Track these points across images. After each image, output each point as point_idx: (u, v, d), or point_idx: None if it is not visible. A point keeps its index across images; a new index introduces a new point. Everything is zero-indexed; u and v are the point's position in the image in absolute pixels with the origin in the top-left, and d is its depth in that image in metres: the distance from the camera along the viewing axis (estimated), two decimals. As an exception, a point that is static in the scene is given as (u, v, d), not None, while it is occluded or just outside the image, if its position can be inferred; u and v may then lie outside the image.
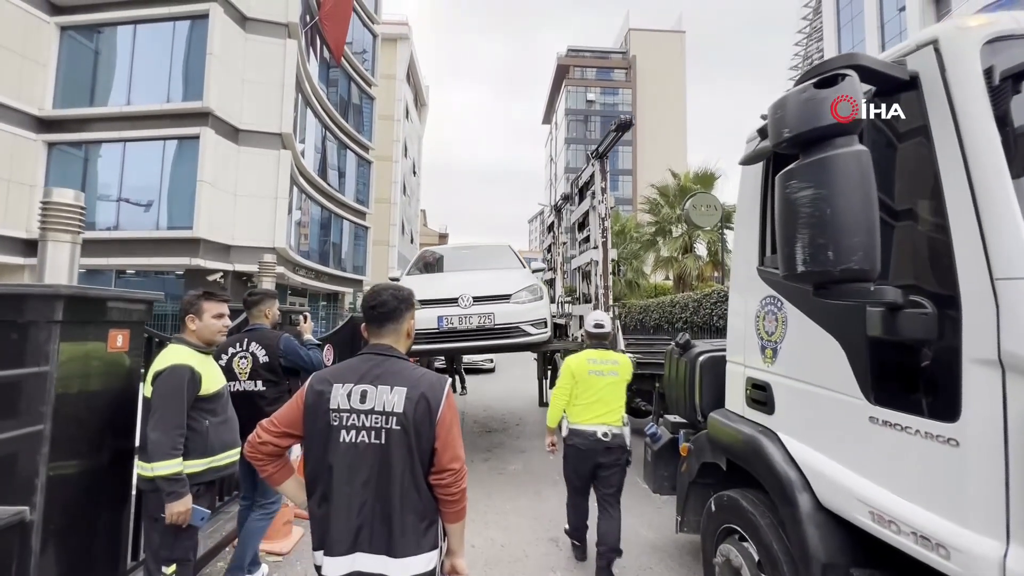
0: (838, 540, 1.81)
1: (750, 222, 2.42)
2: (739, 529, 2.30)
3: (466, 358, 13.89)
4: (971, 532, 1.32)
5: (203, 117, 14.40)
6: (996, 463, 1.28)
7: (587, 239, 5.45)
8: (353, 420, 1.58)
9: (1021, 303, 1.25)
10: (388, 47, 30.35)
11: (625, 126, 4.89)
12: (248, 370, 3.09)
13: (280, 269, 9.86)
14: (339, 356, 5.95)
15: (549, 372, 8.66)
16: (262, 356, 3.11)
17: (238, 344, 3.13)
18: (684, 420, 3.25)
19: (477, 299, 5.25)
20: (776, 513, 2.08)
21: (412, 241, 40.45)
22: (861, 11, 23.38)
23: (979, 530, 1.31)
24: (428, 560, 1.58)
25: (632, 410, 7.08)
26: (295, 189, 17.44)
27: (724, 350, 2.70)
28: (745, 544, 2.24)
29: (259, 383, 3.10)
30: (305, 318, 3.69)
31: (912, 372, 1.54)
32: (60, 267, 2.24)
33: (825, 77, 1.38)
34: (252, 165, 15.53)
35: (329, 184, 20.90)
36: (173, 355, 2.31)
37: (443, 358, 10.82)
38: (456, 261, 6.88)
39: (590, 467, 3.30)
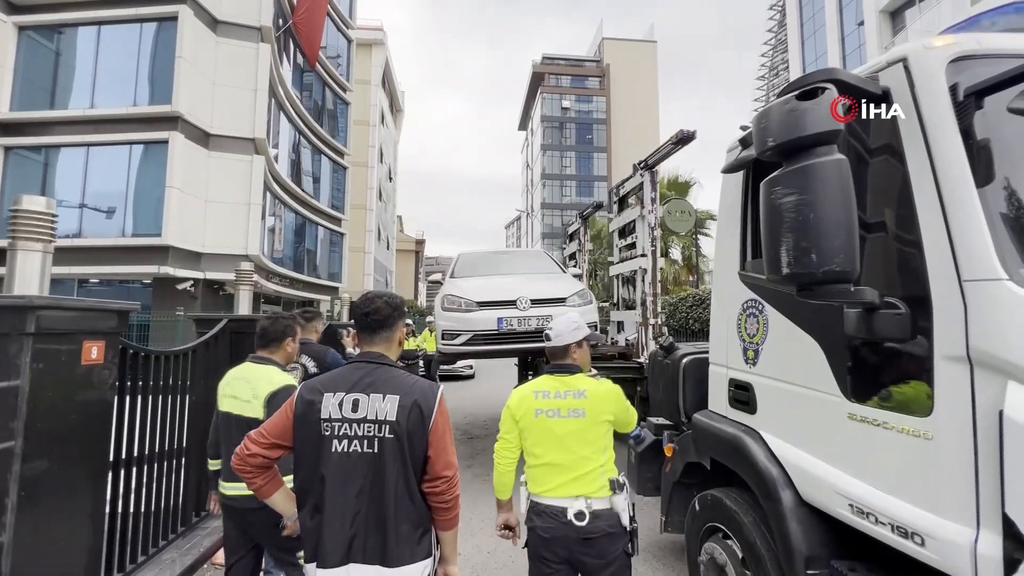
0: (819, 534, 1.88)
1: (731, 228, 2.50)
2: (723, 527, 2.35)
3: (445, 365, 13.84)
4: (944, 520, 1.39)
5: (172, 121, 14.01)
6: (966, 454, 1.36)
7: (630, 246, 5.51)
8: (345, 429, 1.56)
9: (987, 303, 1.33)
10: (363, 52, 30.14)
11: (686, 139, 4.89)
12: (298, 381, 3.17)
13: (256, 277, 9.59)
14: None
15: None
16: (311, 367, 3.33)
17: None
18: (668, 422, 3.30)
19: (535, 302, 5.33)
20: (759, 511, 2.14)
21: (388, 247, 40.04)
22: (823, 25, 24.41)
23: (952, 518, 1.38)
24: (422, 569, 1.57)
25: None
26: (268, 195, 17.09)
27: (707, 352, 2.77)
28: (729, 542, 2.30)
29: None
30: (348, 332, 3.86)
31: (888, 370, 1.62)
32: (31, 277, 2.16)
33: (806, 90, 1.45)
34: (224, 170, 15.17)
35: (304, 190, 20.55)
36: (279, 376, 2.39)
37: (422, 365, 10.75)
38: (498, 265, 6.95)
39: (564, 566, 2.04)
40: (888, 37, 19.75)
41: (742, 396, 2.34)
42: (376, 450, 1.55)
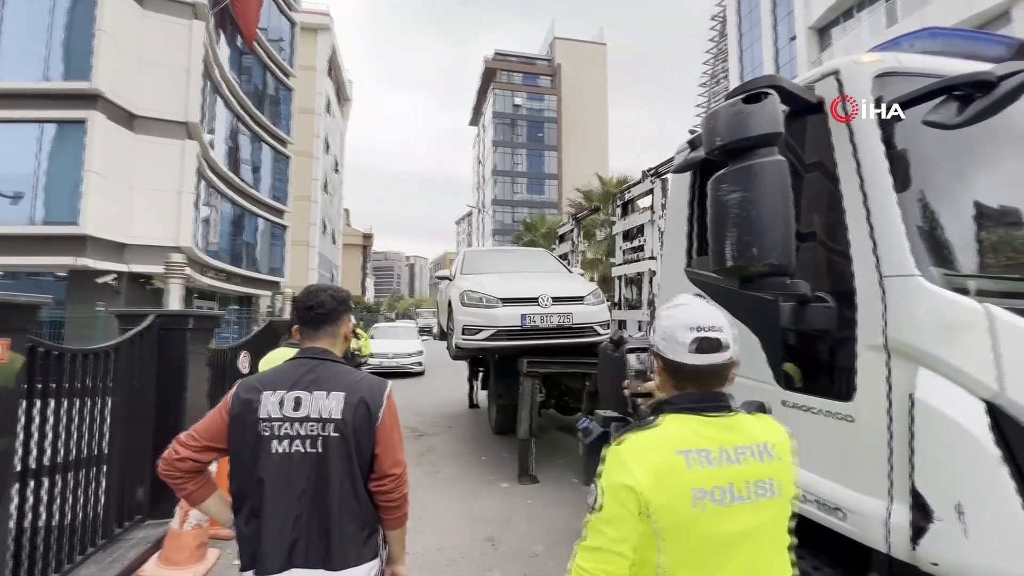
0: None
1: (679, 226, 2.60)
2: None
3: (394, 362, 13.57)
4: (862, 495, 1.52)
5: (91, 100, 12.82)
6: (881, 434, 1.49)
7: (635, 249, 5.65)
8: (286, 429, 1.49)
9: (903, 296, 1.46)
10: (308, 37, 28.88)
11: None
12: None
13: (188, 271, 8.88)
14: (256, 363, 5.56)
15: (480, 374, 8.67)
16: None
17: None
18: (616, 414, 3.39)
19: (556, 299, 5.47)
20: None
21: (334, 241, 38.71)
22: (759, 37, 25.92)
23: (868, 492, 1.51)
24: (369, 569, 1.53)
25: (560, 406, 7.26)
26: (203, 183, 16.04)
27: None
28: (672, 528, 2.39)
29: None
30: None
31: (817, 358, 1.74)
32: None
33: (751, 94, 1.54)
34: (152, 155, 14.07)
35: (242, 179, 19.45)
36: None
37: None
38: (506, 263, 7.07)
39: None
40: (816, 53, 21.23)
41: (685, 387, 2.44)
42: (320, 449, 1.49)
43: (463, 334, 5.44)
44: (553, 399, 6.98)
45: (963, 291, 1.43)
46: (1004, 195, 1.71)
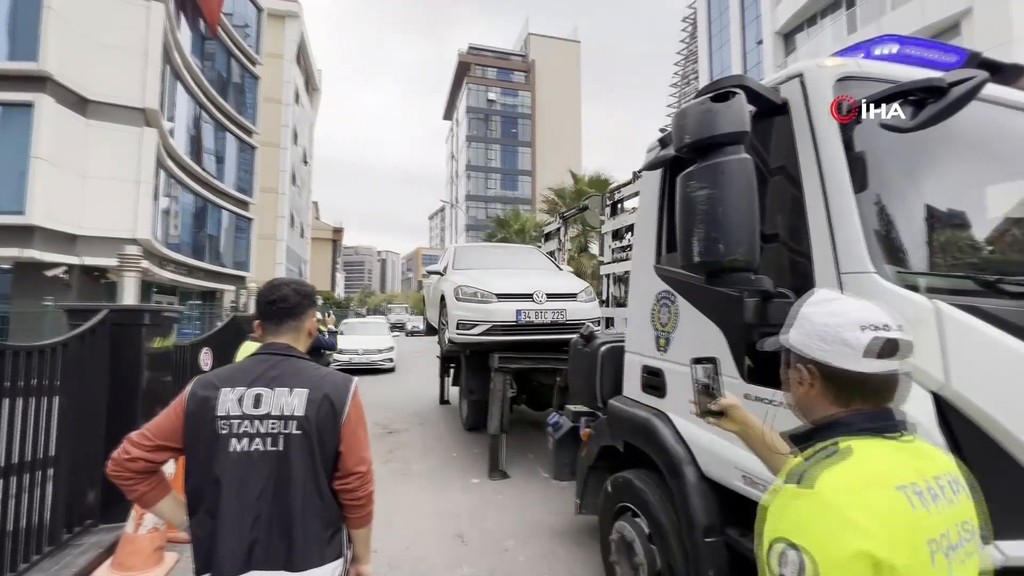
0: (717, 505, 2.07)
1: (649, 224, 2.63)
2: (632, 506, 2.50)
3: (364, 358, 13.39)
4: None
5: (39, 82, 12.07)
6: None
7: (625, 247, 5.70)
8: (246, 427, 1.44)
9: (859, 292, 1.51)
10: (275, 24, 27.96)
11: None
12: None
13: (145, 264, 8.36)
14: (219, 360, 5.38)
15: (452, 370, 8.62)
16: None
17: None
18: (586, 408, 3.43)
19: (550, 296, 5.54)
20: (665, 489, 2.30)
21: (303, 235, 37.75)
22: (728, 40, 26.58)
23: None
24: (332, 570, 1.49)
25: (531, 402, 7.30)
26: (162, 173, 15.35)
27: (624, 341, 2.90)
28: (637, 520, 2.45)
29: None
30: (328, 314, 3.94)
31: (779, 353, 1.78)
32: None
33: (720, 93, 1.56)
34: (106, 143, 13.36)
35: (205, 169, 18.71)
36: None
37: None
38: (497, 259, 7.10)
39: None
40: (781, 57, 21.90)
41: (654, 381, 2.48)
42: (281, 447, 1.44)
43: (457, 329, 5.43)
44: (524, 395, 7.01)
45: (915, 288, 1.49)
46: (953, 198, 1.80)
